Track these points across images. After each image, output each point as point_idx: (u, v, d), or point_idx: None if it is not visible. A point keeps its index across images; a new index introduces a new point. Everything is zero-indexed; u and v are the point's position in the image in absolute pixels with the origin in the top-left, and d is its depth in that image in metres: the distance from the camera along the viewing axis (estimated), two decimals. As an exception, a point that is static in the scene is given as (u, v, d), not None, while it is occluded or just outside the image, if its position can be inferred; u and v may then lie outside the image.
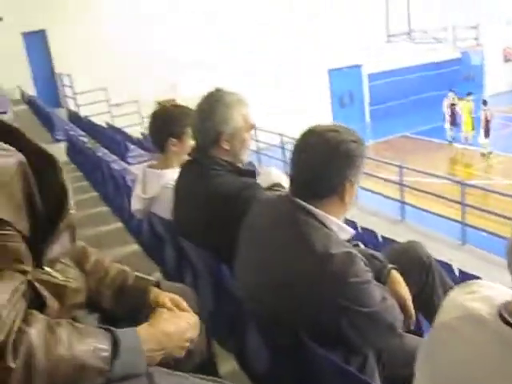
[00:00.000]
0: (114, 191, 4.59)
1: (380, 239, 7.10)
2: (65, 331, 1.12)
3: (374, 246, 6.26)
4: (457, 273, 6.05)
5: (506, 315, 1.07)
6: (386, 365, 1.91)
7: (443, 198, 10.00)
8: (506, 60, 26.28)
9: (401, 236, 7.99)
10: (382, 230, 7.70)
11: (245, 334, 2.08)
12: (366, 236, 7.23)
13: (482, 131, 16.40)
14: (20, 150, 1.18)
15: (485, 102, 17.03)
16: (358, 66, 21.43)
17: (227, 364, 2.31)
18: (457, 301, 1.19)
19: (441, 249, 7.59)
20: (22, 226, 1.13)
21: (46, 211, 1.20)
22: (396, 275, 1.97)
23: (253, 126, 2.44)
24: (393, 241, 6.75)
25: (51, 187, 1.23)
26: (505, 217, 8.63)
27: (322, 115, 19.75)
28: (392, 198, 10.35)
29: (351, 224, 6.48)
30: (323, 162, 1.75)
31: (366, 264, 1.70)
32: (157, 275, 3.19)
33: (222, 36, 17.29)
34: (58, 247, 1.23)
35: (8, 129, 1.26)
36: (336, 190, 1.77)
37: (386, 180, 11.11)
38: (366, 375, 1.79)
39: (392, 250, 2.43)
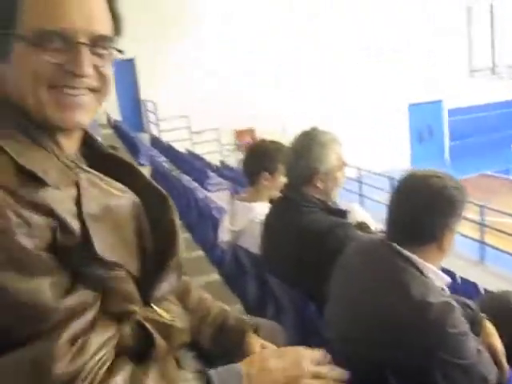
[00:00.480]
0: (198, 219, 4.69)
1: (459, 281, 6.92)
2: (152, 382, 1.06)
3: (455, 288, 6.11)
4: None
5: None
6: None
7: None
8: None
9: (479, 279, 7.78)
10: (462, 271, 7.52)
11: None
12: (460, 285, 7.09)
13: None
14: (131, 185, 1.17)
15: None
16: (439, 101, 21.08)
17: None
18: None
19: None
20: (133, 266, 1.11)
21: (155, 250, 1.18)
22: (489, 326, 1.93)
23: (345, 165, 2.47)
24: (477, 285, 6.57)
25: (161, 225, 1.22)
26: None
27: (401, 150, 19.63)
28: (472, 238, 10.04)
29: (447, 272, 6.38)
30: (425, 208, 1.76)
31: (462, 314, 1.69)
32: (237, 307, 3.21)
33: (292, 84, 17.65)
34: (167, 285, 1.21)
35: (120, 162, 1.25)
36: (436, 237, 1.77)
37: (468, 220, 10.80)
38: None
39: (484, 298, 2.38)
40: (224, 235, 3.07)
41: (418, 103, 20.26)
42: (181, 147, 12.66)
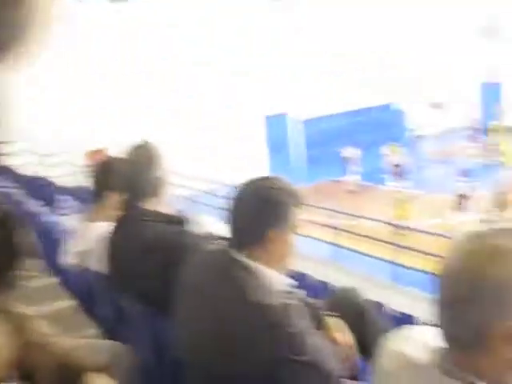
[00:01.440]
0: (47, 243, 4.46)
1: (317, 283, 7.19)
2: None
3: (313, 291, 6.33)
4: (391, 313, 6.17)
5: (443, 363, 1.11)
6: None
7: (375, 239, 10.23)
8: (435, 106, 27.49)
9: (333, 278, 8.13)
10: (318, 273, 7.82)
11: None
12: (310, 284, 7.33)
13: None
14: None
15: (396, 148, 17.93)
16: (289, 113, 21.98)
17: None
18: (396, 348, 1.23)
19: (375, 290, 7.72)
20: None
21: None
22: (333, 322, 2.00)
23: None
24: (326, 283, 6.86)
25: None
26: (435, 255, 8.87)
27: (258, 161, 20.10)
28: (325, 241, 10.50)
29: (298, 275, 6.56)
30: (252, 212, 1.78)
31: (302, 312, 1.72)
32: (92, 332, 3.10)
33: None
34: None
35: None
36: (266, 240, 1.77)
37: (317, 223, 11.29)
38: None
39: (329, 296, 2.47)
40: (72, 258, 2.94)
41: (274, 114, 21.02)
42: (29, 171, 12.00)
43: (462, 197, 13.29)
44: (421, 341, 1.17)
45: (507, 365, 1.07)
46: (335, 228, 10.42)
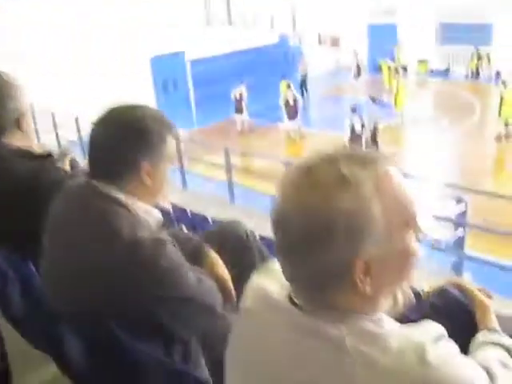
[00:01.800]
0: None
1: (211, 222, 7.17)
2: None
3: (206, 229, 6.30)
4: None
5: (292, 295, 1.06)
6: (212, 349, 1.87)
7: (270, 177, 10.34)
8: (321, 42, 27.92)
9: (231, 217, 8.20)
10: (214, 213, 7.82)
11: (60, 334, 1.92)
12: (196, 220, 7.28)
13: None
14: None
15: (289, 86, 17.91)
16: (180, 53, 21.35)
17: (47, 368, 2.14)
18: (256, 283, 1.18)
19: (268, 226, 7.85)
20: None
21: None
22: (213, 256, 1.93)
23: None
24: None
25: None
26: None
27: (146, 103, 19.44)
28: (222, 181, 10.48)
29: (180, 211, 6.47)
30: (119, 140, 1.64)
31: (178, 247, 1.63)
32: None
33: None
34: None
35: None
36: (136, 172, 1.66)
37: (214, 164, 11.24)
38: (190, 363, 1.74)
39: (211, 230, 2.38)
40: None
41: (160, 56, 20.31)
42: None
43: (353, 134, 13.62)
44: (279, 275, 1.11)
45: (367, 299, 1.04)
46: (228, 166, 10.37)
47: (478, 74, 25.25)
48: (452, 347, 1.04)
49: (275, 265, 1.14)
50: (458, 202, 6.91)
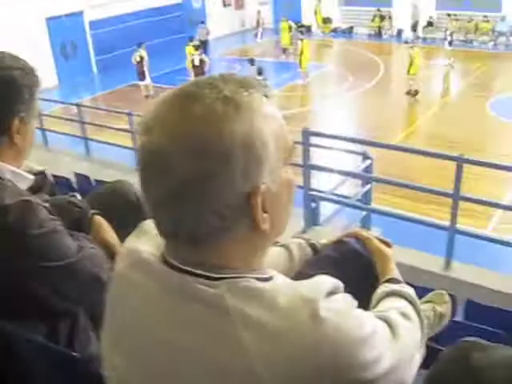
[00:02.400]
0: None
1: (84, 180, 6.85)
2: None
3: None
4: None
5: (166, 255, 0.94)
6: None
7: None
8: (225, 4, 27.54)
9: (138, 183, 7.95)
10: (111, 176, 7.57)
11: None
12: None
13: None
14: None
15: (196, 48, 17.48)
16: (78, 14, 20.32)
17: None
18: (129, 245, 1.04)
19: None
20: None
21: None
22: (99, 221, 1.76)
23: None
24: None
25: None
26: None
27: (45, 69, 18.49)
28: (128, 148, 10.14)
29: (85, 179, 6.18)
30: None
31: (55, 213, 1.47)
32: None
33: None
34: None
35: None
36: (4, 128, 1.47)
37: (118, 129, 10.85)
38: (78, 338, 1.61)
39: (96, 193, 2.19)
40: None
41: (57, 16, 19.23)
42: None
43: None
44: (154, 234, 0.98)
45: (264, 243, 0.95)
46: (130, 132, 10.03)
47: (380, 33, 25.81)
48: (347, 300, 0.95)
49: (149, 225, 1.01)
50: (365, 158, 7.00)
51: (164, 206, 0.88)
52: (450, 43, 19.57)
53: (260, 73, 13.71)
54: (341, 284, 0.97)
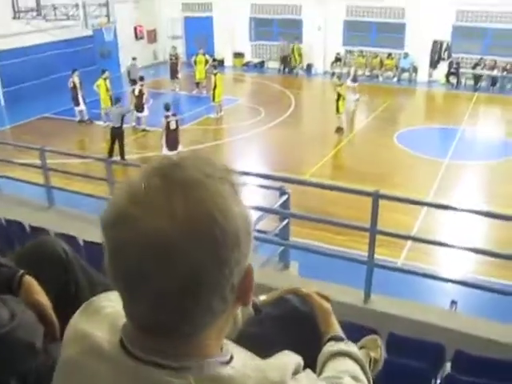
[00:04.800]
0: None
1: (28, 230, 6.63)
2: None
3: (23, 238, 5.81)
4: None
5: (127, 343, 0.87)
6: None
7: (90, 177, 9.93)
8: (138, 38, 27.46)
9: (52, 223, 7.68)
10: (31, 219, 7.25)
11: None
12: (12, 229, 6.70)
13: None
14: None
15: (142, 78, 17.67)
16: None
17: None
18: (79, 328, 0.96)
19: (92, 229, 7.49)
20: None
21: None
22: (29, 281, 1.67)
23: None
24: (43, 230, 6.37)
25: None
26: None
27: None
28: (38, 184, 9.78)
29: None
30: None
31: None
32: None
33: None
34: None
35: None
36: None
37: (28, 165, 10.45)
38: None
39: (21, 251, 2.06)
40: None
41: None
42: None
43: (168, 130, 13.49)
44: (112, 315, 0.94)
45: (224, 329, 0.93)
46: (49, 169, 9.70)
47: (291, 67, 26.51)
48: (310, 377, 0.96)
49: (102, 301, 0.97)
50: (281, 193, 7.11)
51: (167, 299, 0.80)
52: (354, 80, 20.34)
53: (167, 108, 13.65)
54: (301, 360, 0.97)
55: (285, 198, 7.02)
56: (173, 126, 13.61)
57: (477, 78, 23.08)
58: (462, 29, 23.39)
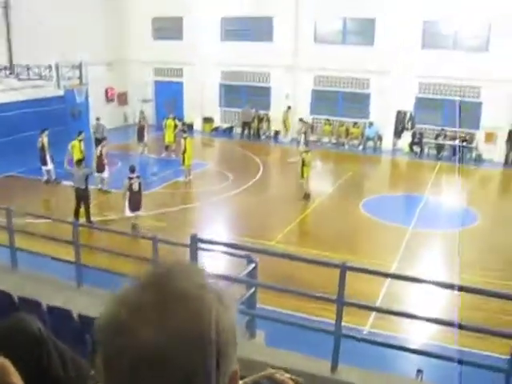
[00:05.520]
0: None
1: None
2: None
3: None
4: (76, 318, 5.90)
5: None
6: None
7: (56, 239, 9.82)
8: (109, 100, 27.74)
9: (16, 285, 7.52)
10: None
11: None
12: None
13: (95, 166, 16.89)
14: None
15: (104, 139, 18.06)
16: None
17: None
18: None
19: (56, 293, 7.38)
20: None
21: None
22: (4, 363, 1.65)
23: None
24: (5, 293, 6.24)
25: None
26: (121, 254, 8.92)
27: None
28: (1, 245, 9.62)
29: None
30: None
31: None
32: None
33: None
34: None
35: None
36: None
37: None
38: None
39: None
40: None
41: None
42: None
43: (132, 191, 13.50)
44: None
45: None
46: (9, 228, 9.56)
47: (258, 134, 27.05)
48: None
49: None
50: (249, 261, 7.13)
51: None
52: (306, 144, 20.78)
53: (132, 170, 13.71)
54: None
55: (252, 266, 7.04)
56: (135, 187, 13.64)
57: (439, 148, 23.91)
58: (425, 100, 24.36)
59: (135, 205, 13.58)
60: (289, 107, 26.18)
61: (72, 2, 23.66)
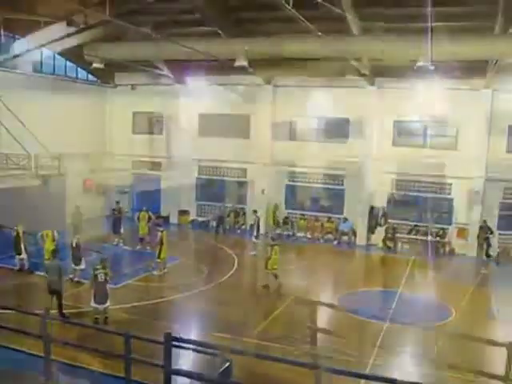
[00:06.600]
0: None
1: None
2: None
3: None
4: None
5: None
6: None
7: (26, 333, 9.51)
8: (86, 190, 27.85)
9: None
10: None
11: None
12: None
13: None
14: None
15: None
16: None
17: None
18: None
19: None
20: None
21: None
22: None
23: None
24: None
25: None
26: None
27: None
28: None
29: None
30: None
31: None
32: None
33: None
34: None
35: None
36: None
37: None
38: None
39: None
40: None
41: None
42: None
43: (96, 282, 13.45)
44: None
45: None
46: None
47: (235, 227, 27.25)
48: None
49: None
50: (223, 361, 7.02)
51: None
52: (273, 239, 21.05)
53: (101, 261, 13.70)
54: None
55: (226, 365, 6.93)
56: (101, 278, 13.48)
57: (412, 243, 24.27)
58: (398, 197, 24.97)
59: (101, 296, 13.31)
60: (276, 204, 26.75)
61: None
